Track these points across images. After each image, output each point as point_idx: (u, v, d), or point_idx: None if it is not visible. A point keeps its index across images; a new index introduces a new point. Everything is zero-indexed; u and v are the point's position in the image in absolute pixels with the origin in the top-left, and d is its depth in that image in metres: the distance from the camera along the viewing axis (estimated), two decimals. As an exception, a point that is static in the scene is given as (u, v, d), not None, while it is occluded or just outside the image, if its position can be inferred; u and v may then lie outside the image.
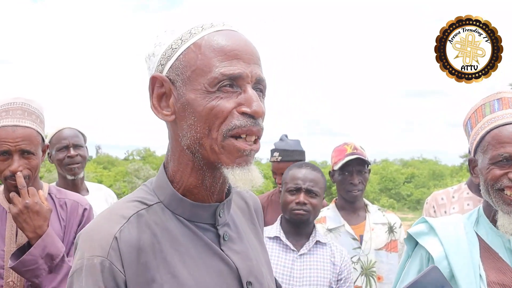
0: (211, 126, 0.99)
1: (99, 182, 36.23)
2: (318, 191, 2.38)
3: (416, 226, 1.69)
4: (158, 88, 1.05)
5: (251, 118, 1.00)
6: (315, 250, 2.40)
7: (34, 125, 1.94)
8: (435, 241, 1.59)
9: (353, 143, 2.88)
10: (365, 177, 2.84)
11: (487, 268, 1.52)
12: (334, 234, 2.77)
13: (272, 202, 3.50)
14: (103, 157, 55.18)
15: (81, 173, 2.96)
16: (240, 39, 1.04)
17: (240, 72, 1.00)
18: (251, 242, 1.18)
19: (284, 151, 3.39)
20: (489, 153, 1.52)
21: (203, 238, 1.06)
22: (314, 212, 2.39)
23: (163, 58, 1.05)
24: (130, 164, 40.52)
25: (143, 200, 1.07)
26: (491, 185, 1.51)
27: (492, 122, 1.55)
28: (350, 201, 2.86)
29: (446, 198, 2.90)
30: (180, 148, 1.06)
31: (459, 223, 1.63)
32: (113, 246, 0.97)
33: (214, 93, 0.99)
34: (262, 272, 1.14)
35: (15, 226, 1.96)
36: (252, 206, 1.29)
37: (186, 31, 1.04)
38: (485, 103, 1.61)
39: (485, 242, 1.58)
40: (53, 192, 2.13)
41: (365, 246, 2.75)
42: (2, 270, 1.93)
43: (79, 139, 2.97)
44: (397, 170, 48.10)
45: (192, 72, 1.01)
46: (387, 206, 35.23)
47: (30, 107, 1.96)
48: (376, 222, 2.84)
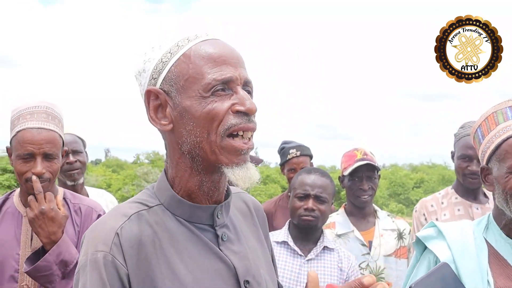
0: (210, 129, 1.06)
1: (108, 185, 36.36)
2: (326, 197, 2.38)
3: (425, 230, 1.69)
4: (154, 100, 1.11)
5: (245, 116, 1.07)
6: (322, 256, 2.40)
7: (57, 129, 1.97)
8: (443, 245, 1.59)
9: (363, 149, 2.87)
10: (375, 182, 2.82)
11: (495, 274, 1.51)
12: (343, 239, 2.76)
13: (279, 207, 3.51)
14: (112, 160, 55.48)
15: (80, 179, 2.95)
16: (225, 46, 1.11)
17: (231, 76, 1.07)
18: (250, 244, 1.22)
19: (299, 146, 3.47)
20: (508, 161, 1.51)
21: (202, 238, 1.11)
22: (323, 218, 2.39)
23: (154, 72, 1.11)
24: (139, 168, 40.72)
25: (144, 202, 1.13)
26: (511, 194, 1.50)
27: (508, 130, 1.54)
28: (359, 207, 2.84)
29: (436, 205, 2.88)
30: (179, 155, 1.11)
31: (468, 228, 1.62)
32: (115, 241, 1.02)
33: (208, 98, 1.06)
34: (260, 272, 1.18)
35: (30, 230, 1.98)
36: (253, 208, 1.33)
37: (174, 44, 1.11)
38: (497, 110, 1.59)
39: (494, 248, 1.57)
40: (68, 197, 2.14)
41: (374, 252, 2.73)
42: (16, 274, 1.94)
43: (78, 144, 2.96)
44: (406, 175, 47.85)
45: (185, 80, 1.07)
46: (396, 211, 35.07)
47: (54, 111, 1.99)
48: (385, 228, 2.82)
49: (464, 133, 2.72)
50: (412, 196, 43.28)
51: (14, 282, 1.94)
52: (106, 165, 49.50)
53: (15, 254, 1.95)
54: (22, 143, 1.89)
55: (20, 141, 1.89)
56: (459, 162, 2.77)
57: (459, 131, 2.78)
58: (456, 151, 2.82)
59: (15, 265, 1.95)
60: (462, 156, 2.73)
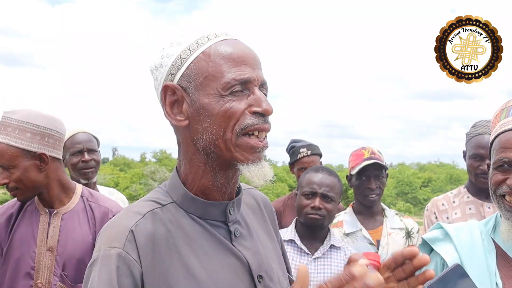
0: (226, 127, 1.07)
1: (115, 184, 36.39)
2: (333, 196, 2.38)
3: (431, 232, 1.66)
4: (170, 96, 1.12)
5: (261, 117, 1.10)
6: (329, 254, 2.39)
7: (6, 139, 1.94)
8: (450, 247, 1.57)
9: (371, 148, 2.86)
10: (383, 181, 2.82)
11: (504, 277, 1.48)
12: (351, 238, 2.75)
13: (288, 206, 3.51)
14: (119, 159, 55.74)
15: (94, 178, 2.99)
16: (244, 47, 1.13)
17: (249, 77, 1.09)
18: (261, 239, 1.24)
19: (310, 145, 3.47)
20: (494, 157, 1.52)
21: (215, 235, 1.12)
22: (329, 217, 2.39)
23: (172, 67, 1.12)
24: (146, 166, 40.88)
25: (157, 200, 1.14)
26: (494, 190, 1.51)
27: (502, 126, 1.53)
28: (367, 206, 2.84)
29: (447, 204, 2.87)
30: (193, 151, 1.13)
31: (475, 229, 1.60)
32: (129, 238, 1.03)
33: (226, 97, 1.07)
34: (272, 267, 1.20)
35: (47, 228, 2.02)
36: (262, 203, 1.35)
37: (193, 42, 1.12)
38: (504, 108, 1.58)
39: (503, 249, 1.53)
40: (85, 195, 2.14)
41: (382, 251, 2.73)
42: (32, 271, 1.97)
43: (93, 143, 3.00)
44: (414, 174, 47.70)
45: (205, 78, 1.08)
46: (404, 210, 34.95)
47: (8, 119, 1.96)
48: (393, 227, 2.82)
49: (476, 132, 2.70)
50: (420, 195, 43.12)
51: (30, 279, 1.97)
52: (113, 164, 49.74)
53: (32, 251, 1.98)
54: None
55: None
56: (471, 162, 2.75)
57: (471, 130, 2.76)
58: (468, 151, 2.80)
59: (31, 262, 1.97)
60: (474, 155, 2.71)
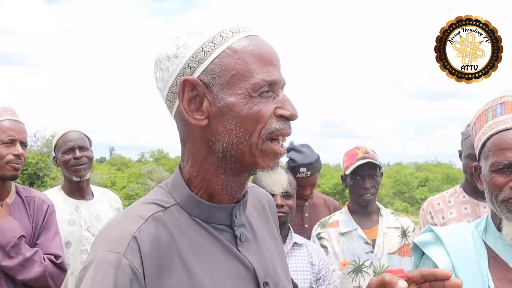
0: (253, 131, 1.00)
1: (112, 184, 36.31)
2: (292, 192, 2.44)
3: (422, 235, 1.62)
4: (189, 91, 1.02)
5: (287, 121, 1.04)
6: (292, 252, 2.42)
7: None
8: (442, 251, 1.53)
9: (365, 147, 2.86)
10: (377, 180, 2.82)
11: (496, 279, 1.45)
12: (346, 238, 2.76)
13: None
14: (116, 158, 55.62)
15: (87, 175, 2.95)
16: (269, 46, 1.07)
17: (276, 78, 1.03)
18: (266, 242, 1.18)
19: (310, 165, 3.34)
20: (490, 160, 1.46)
21: (220, 239, 1.06)
22: (291, 213, 2.45)
23: (192, 60, 1.01)
24: (144, 166, 40.75)
25: (160, 202, 1.06)
26: (495, 195, 1.46)
27: (494, 127, 1.49)
28: (362, 205, 2.84)
29: (443, 203, 2.87)
30: (206, 152, 1.04)
31: (466, 231, 1.56)
32: (132, 245, 0.95)
33: (255, 98, 1.00)
34: (277, 272, 1.15)
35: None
36: (266, 203, 1.28)
37: (217, 34, 1.02)
38: (488, 108, 1.55)
39: (494, 252, 1.51)
40: (19, 191, 2.42)
41: (378, 250, 2.73)
42: None
43: (85, 141, 2.97)
44: (411, 174, 47.73)
45: (232, 76, 1.00)
46: (401, 210, 34.97)
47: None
48: (389, 226, 2.82)
49: None
50: (417, 195, 43.16)
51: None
52: (110, 163, 49.62)
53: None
54: None
55: None
56: (467, 161, 2.75)
57: (466, 129, 2.75)
58: (463, 150, 2.80)
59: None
60: (470, 155, 2.70)
